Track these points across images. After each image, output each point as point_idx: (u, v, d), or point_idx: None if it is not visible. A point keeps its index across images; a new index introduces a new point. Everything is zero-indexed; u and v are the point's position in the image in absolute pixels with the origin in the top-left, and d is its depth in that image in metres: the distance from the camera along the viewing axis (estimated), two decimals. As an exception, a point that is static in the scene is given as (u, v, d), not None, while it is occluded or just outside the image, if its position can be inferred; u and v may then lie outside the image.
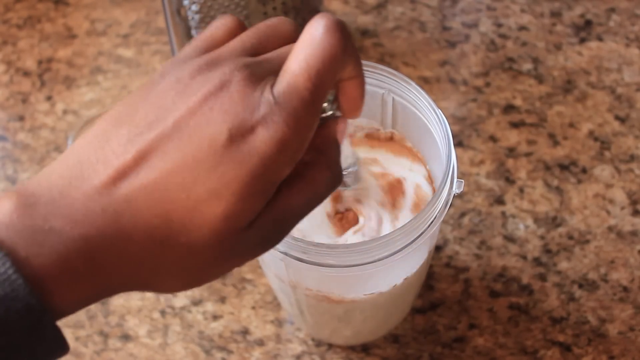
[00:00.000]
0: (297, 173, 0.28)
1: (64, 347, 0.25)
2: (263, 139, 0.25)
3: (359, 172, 0.41)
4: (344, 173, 0.38)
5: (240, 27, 0.29)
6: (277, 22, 0.30)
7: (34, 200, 0.24)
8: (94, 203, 0.24)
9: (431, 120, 0.39)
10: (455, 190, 0.37)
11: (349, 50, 0.28)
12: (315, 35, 0.27)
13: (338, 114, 0.30)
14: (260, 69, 0.27)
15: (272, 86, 0.26)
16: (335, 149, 0.30)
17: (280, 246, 0.36)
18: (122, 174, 0.25)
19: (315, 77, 0.26)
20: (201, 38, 0.29)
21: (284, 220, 0.28)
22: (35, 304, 0.23)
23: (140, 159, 0.25)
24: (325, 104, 0.29)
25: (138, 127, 0.26)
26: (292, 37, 0.29)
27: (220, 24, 0.29)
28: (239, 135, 0.25)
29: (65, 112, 0.63)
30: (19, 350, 0.23)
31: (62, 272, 0.24)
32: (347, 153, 0.39)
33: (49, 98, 0.64)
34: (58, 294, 0.24)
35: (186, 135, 0.25)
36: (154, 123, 0.26)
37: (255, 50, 0.28)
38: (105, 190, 0.25)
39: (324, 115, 0.30)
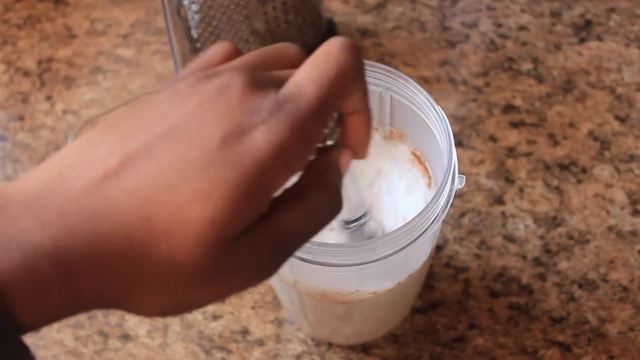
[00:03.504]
0: (295, 193, 0.26)
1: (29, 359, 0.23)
2: (260, 140, 0.23)
3: (370, 225, 0.38)
4: (352, 225, 0.37)
5: (238, 53, 0.28)
6: (282, 46, 0.28)
7: (4, 202, 0.22)
8: (70, 204, 0.22)
9: (430, 117, 0.39)
10: (457, 185, 0.37)
11: (361, 75, 0.27)
12: (329, 51, 0.26)
13: (340, 145, 0.29)
14: (263, 78, 0.25)
15: (276, 90, 0.25)
16: (336, 175, 0.28)
17: None
18: (104, 177, 0.23)
19: (327, 87, 0.25)
20: (198, 61, 0.27)
21: (279, 241, 0.25)
22: None
23: (126, 162, 0.23)
24: (326, 131, 0.28)
25: (128, 132, 0.24)
26: (297, 62, 0.28)
27: (218, 49, 0.28)
28: (234, 136, 0.23)
29: (65, 112, 0.63)
30: None
31: (28, 278, 0.22)
32: (358, 200, 0.36)
33: (48, 98, 0.64)
34: (22, 303, 0.22)
35: (177, 136, 0.23)
36: (144, 127, 0.24)
37: (258, 69, 0.27)
38: (84, 193, 0.23)
39: (325, 144, 0.29)
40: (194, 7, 0.53)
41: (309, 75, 0.25)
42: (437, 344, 0.50)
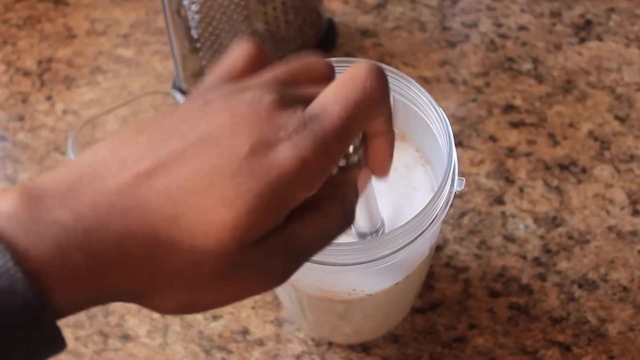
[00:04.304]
0: (311, 204, 0.27)
1: (61, 345, 0.24)
2: (285, 155, 0.25)
3: None
4: (372, 236, 0.38)
5: (261, 53, 0.29)
6: (312, 61, 0.30)
7: (40, 193, 0.24)
8: (103, 199, 0.24)
9: (431, 118, 0.39)
10: (457, 187, 0.37)
11: (387, 100, 0.28)
12: (357, 74, 0.27)
13: (363, 164, 0.30)
14: (291, 96, 0.27)
15: (303, 109, 0.26)
16: (352, 191, 0.29)
17: None
18: (137, 177, 0.24)
19: (352, 109, 0.26)
20: (222, 68, 0.29)
21: (292, 249, 0.27)
22: (33, 300, 0.22)
23: (158, 165, 0.25)
24: (350, 151, 0.29)
25: (160, 136, 0.25)
26: (327, 78, 0.29)
27: (241, 52, 0.29)
28: (261, 149, 0.25)
29: (65, 112, 0.63)
30: (16, 346, 0.23)
31: (61, 265, 0.23)
32: (375, 215, 0.37)
33: (48, 98, 0.64)
34: (56, 289, 0.23)
35: (208, 145, 0.25)
36: (176, 134, 0.25)
37: (288, 85, 0.28)
38: (116, 190, 0.24)
39: (348, 163, 0.29)
40: (194, 7, 0.53)
41: (335, 97, 0.27)
42: (437, 344, 0.50)
